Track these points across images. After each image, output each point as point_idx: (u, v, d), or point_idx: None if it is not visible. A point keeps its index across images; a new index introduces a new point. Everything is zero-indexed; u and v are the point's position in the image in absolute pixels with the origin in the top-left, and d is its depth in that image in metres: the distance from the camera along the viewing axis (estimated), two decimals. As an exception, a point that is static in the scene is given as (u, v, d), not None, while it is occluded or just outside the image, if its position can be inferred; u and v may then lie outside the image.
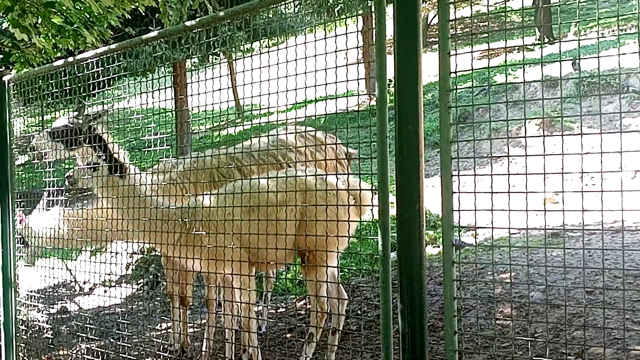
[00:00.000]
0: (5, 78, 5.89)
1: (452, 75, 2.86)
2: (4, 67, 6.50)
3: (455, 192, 2.83)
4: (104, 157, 4.91)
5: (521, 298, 5.80)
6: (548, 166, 2.68)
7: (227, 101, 4.04)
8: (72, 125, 5.37)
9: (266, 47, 3.91)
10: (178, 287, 5.99)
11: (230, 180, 5.50)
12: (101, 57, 4.87)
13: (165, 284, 8.25)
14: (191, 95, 4.30)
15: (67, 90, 5.34)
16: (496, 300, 5.70)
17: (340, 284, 5.15)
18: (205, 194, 4.79)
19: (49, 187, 5.50)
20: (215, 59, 15.06)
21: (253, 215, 4.16)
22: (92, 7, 6.74)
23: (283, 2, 3.65)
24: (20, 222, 6.17)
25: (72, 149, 5.42)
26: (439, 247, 8.71)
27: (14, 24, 6.36)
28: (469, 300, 5.92)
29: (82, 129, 5.32)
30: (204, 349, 5.72)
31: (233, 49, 9.44)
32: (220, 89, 4.05)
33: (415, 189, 2.85)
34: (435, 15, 35.70)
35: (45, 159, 5.58)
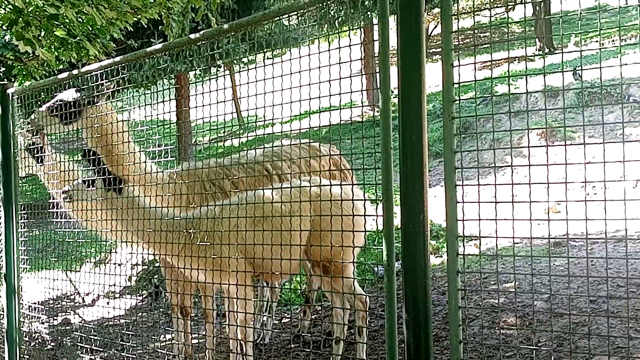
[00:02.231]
0: (9, 91, 5.91)
1: (455, 85, 2.88)
2: (6, 80, 6.53)
3: (459, 202, 2.84)
4: (99, 172, 4.82)
5: (525, 307, 5.80)
6: (548, 176, 2.70)
7: (231, 113, 4.06)
8: (68, 100, 5.36)
9: (268, 58, 3.94)
10: (179, 298, 5.97)
11: (221, 191, 5.48)
12: (105, 69, 4.89)
13: (167, 295, 8.25)
14: (195, 107, 4.32)
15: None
16: (500, 309, 5.70)
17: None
18: (211, 205, 4.78)
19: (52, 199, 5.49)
20: (218, 70, 15.12)
21: (261, 226, 4.20)
22: (96, 19, 6.78)
23: (286, 15, 3.68)
24: None
25: (69, 123, 5.41)
26: (441, 257, 8.72)
27: (18, 37, 6.40)
28: (473, 310, 5.92)
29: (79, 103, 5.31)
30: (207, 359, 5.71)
31: (235, 60, 9.46)
32: (225, 101, 4.06)
33: (419, 199, 2.87)
34: (435, 26, 35.87)
35: (43, 133, 5.58)
